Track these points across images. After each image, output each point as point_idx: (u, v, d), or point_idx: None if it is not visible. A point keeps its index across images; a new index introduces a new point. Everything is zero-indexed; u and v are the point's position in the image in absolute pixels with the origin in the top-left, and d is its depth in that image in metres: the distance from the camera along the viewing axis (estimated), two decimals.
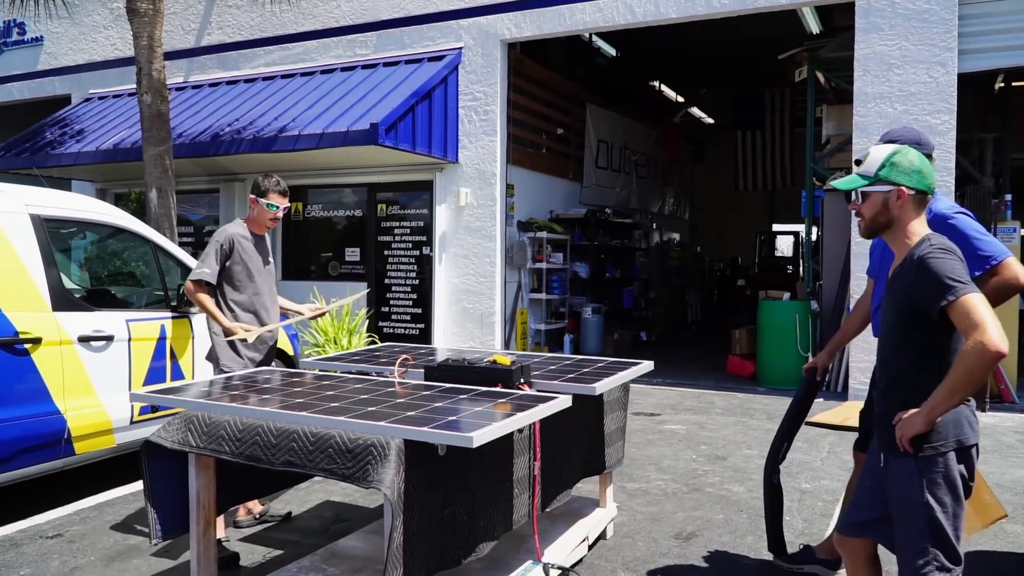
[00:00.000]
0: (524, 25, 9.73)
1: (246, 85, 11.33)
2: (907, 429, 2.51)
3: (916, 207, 2.62)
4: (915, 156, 2.64)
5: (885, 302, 2.73)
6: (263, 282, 4.59)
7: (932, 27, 8.06)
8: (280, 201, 4.61)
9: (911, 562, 2.55)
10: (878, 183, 2.62)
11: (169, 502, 3.16)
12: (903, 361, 2.61)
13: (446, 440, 2.59)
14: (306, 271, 11.13)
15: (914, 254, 2.54)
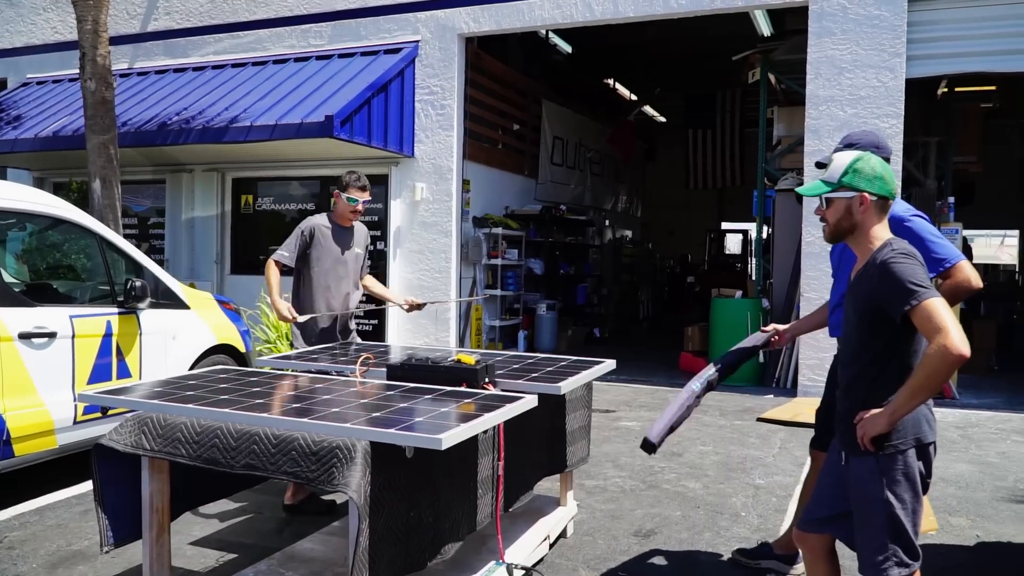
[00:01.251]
0: (482, 20, 9.67)
1: (195, 73, 11.05)
2: (869, 429, 2.54)
3: (878, 212, 2.66)
4: (877, 162, 2.67)
5: (847, 304, 2.76)
6: (340, 270, 4.91)
7: (882, 33, 8.22)
8: (359, 195, 4.87)
9: (871, 558, 2.59)
10: (841, 189, 2.66)
11: (121, 507, 3.04)
12: (864, 361, 2.65)
13: (415, 442, 2.54)
14: (256, 266, 10.90)
15: (877, 258, 2.58)
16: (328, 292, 4.89)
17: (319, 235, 4.89)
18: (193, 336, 6.03)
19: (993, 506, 4.91)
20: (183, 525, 4.24)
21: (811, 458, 3.79)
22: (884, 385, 2.58)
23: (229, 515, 4.56)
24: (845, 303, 2.78)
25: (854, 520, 2.68)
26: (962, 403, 8.23)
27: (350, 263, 4.98)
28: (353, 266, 5.00)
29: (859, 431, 2.58)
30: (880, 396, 2.57)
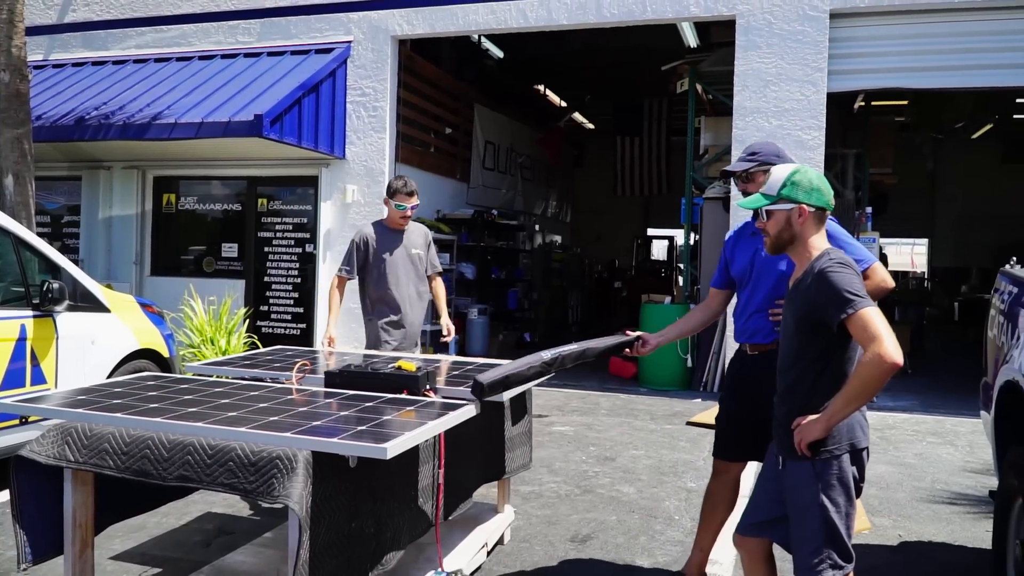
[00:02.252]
0: (416, 22, 9.60)
1: (115, 67, 10.67)
2: (806, 434, 2.60)
3: (816, 223, 2.73)
4: (814, 175, 2.74)
5: (785, 311, 2.82)
6: (399, 271, 5.03)
7: (805, 48, 8.48)
8: (406, 201, 4.99)
9: (806, 560, 2.65)
10: (781, 201, 2.72)
11: (41, 522, 2.89)
12: (801, 368, 2.71)
13: (359, 451, 2.49)
14: (178, 267, 10.59)
15: (814, 267, 2.64)
16: (387, 294, 5.02)
17: (371, 242, 5.05)
18: (114, 340, 5.80)
19: (913, 506, 5.10)
20: (103, 538, 4.05)
21: (714, 469, 3.75)
22: (820, 391, 2.64)
23: (153, 527, 4.40)
24: (783, 311, 2.84)
25: (790, 523, 2.73)
26: (879, 406, 8.52)
27: (405, 263, 5.08)
28: (411, 266, 5.11)
29: (796, 437, 2.63)
30: (816, 402, 2.63)
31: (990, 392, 3.63)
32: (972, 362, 10.68)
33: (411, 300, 5.11)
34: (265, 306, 10.16)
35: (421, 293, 5.19)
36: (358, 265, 5.09)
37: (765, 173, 3.44)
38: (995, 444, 3.55)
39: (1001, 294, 3.74)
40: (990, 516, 4.63)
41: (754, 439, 3.56)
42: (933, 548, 4.39)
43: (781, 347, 2.83)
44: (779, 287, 3.46)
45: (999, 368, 3.45)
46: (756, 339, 3.50)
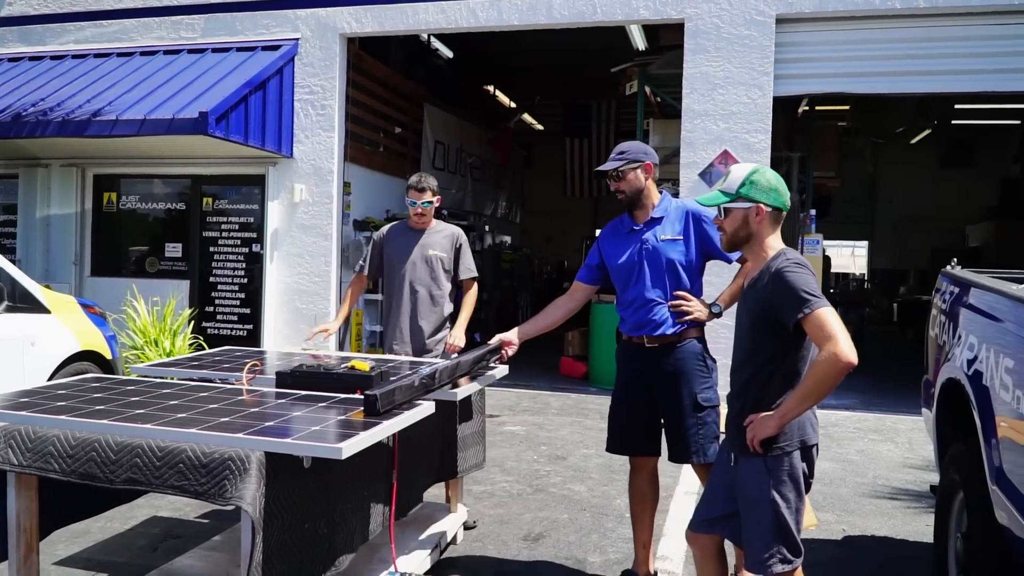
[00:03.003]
0: (365, 20, 9.52)
1: (53, 62, 10.36)
2: (759, 431, 2.65)
3: (772, 223, 2.78)
4: (772, 176, 2.78)
5: (740, 310, 2.88)
6: (410, 272, 4.77)
7: (752, 52, 8.63)
8: (416, 197, 4.74)
9: (757, 555, 2.70)
10: (739, 200, 2.75)
11: None
12: (755, 366, 2.75)
13: (313, 452, 2.46)
14: (120, 268, 10.33)
15: (771, 267, 2.69)
16: (397, 296, 4.80)
17: (388, 240, 4.89)
18: (54, 342, 5.64)
19: (856, 501, 5.23)
20: (46, 544, 3.94)
21: (631, 466, 3.82)
22: (773, 390, 2.69)
23: (97, 532, 4.28)
24: (738, 309, 2.89)
25: (741, 518, 2.78)
26: (822, 404, 8.69)
27: (419, 265, 4.77)
28: (426, 268, 4.78)
29: (749, 433, 2.68)
30: (770, 400, 2.68)
31: (931, 390, 3.74)
32: (911, 362, 11.00)
33: (422, 305, 4.76)
34: (211, 307, 9.97)
35: (436, 297, 4.79)
36: (373, 264, 4.89)
37: (634, 171, 3.54)
38: (936, 441, 3.65)
39: (942, 294, 3.85)
40: (930, 511, 4.77)
41: (652, 432, 3.63)
42: (876, 542, 4.51)
43: (736, 345, 2.88)
44: (672, 276, 3.55)
45: (940, 366, 3.56)
46: (657, 331, 3.56)
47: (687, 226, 3.60)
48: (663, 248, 3.56)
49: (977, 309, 3.23)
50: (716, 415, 3.61)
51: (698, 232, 3.60)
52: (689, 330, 3.59)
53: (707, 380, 3.60)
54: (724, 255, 3.58)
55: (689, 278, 3.61)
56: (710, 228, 3.56)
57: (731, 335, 2.96)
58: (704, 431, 3.55)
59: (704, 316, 3.58)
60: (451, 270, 4.86)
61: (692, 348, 3.59)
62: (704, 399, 3.56)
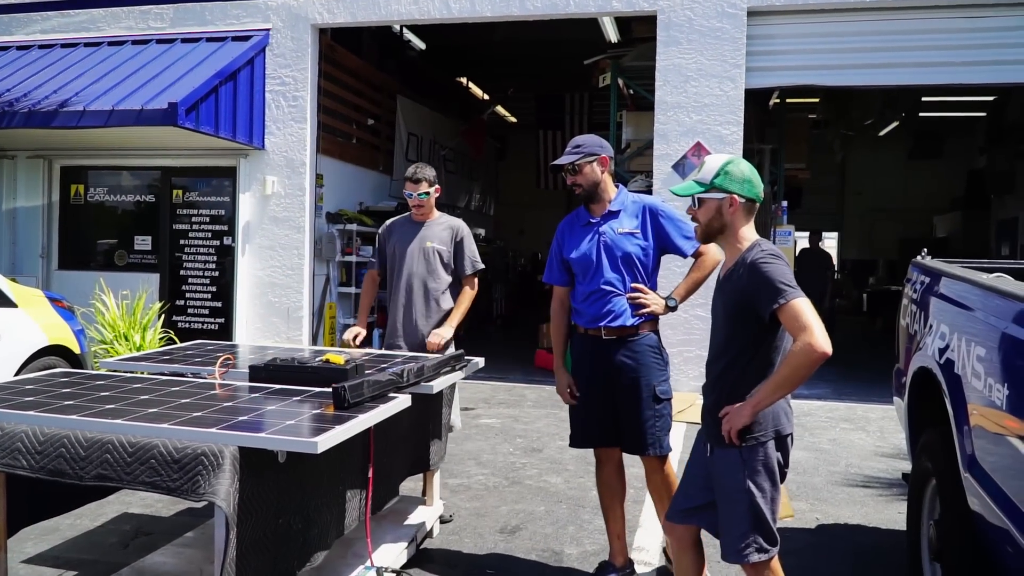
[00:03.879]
0: (337, 11, 9.43)
1: (19, 52, 10.15)
2: (735, 422, 2.66)
3: (746, 214, 2.79)
4: (746, 167, 2.79)
5: (716, 301, 2.88)
6: (407, 265, 4.68)
7: (724, 44, 8.66)
8: (412, 188, 4.67)
9: (734, 545, 2.72)
10: (713, 191, 2.75)
11: None
12: (730, 357, 2.77)
13: (288, 446, 2.44)
14: (88, 261, 10.17)
15: (746, 258, 2.70)
16: (395, 290, 4.73)
17: (390, 233, 4.83)
18: (21, 337, 5.54)
19: (829, 490, 5.28)
20: (14, 541, 3.87)
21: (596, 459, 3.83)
22: (748, 380, 2.71)
23: (67, 529, 4.22)
24: (714, 300, 2.89)
25: (718, 508, 2.79)
26: (795, 393, 8.77)
27: (416, 258, 4.67)
28: (423, 261, 4.67)
29: (725, 425, 2.69)
30: (745, 390, 2.70)
31: (903, 379, 3.78)
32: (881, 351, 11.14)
33: (417, 299, 4.66)
34: (181, 300, 9.85)
35: (431, 291, 4.67)
36: (380, 259, 4.86)
37: (591, 164, 3.57)
38: (908, 429, 3.69)
39: (913, 284, 3.89)
40: (902, 498, 4.84)
41: (615, 424, 3.64)
42: (849, 530, 4.56)
43: (712, 337, 2.88)
44: (629, 269, 3.58)
45: (912, 355, 3.59)
46: (615, 323, 3.58)
47: (644, 220, 3.62)
48: (620, 241, 3.58)
49: (948, 298, 3.27)
50: (671, 407, 3.64)
51: (655, 226, 3.62)
52: (645, 323, 3.60)
53: (663, 372, 3.62)
54: (680, 249, 3.61)
55: (645, 272, 3.63)
56: (666, 222, 3.61)
57: (707, 327, 2.97)
58: (661, 423, 3.57)
59: (660, 309, 3.59)
60: (451, 263, 4.74)
61: (649, 340, 3.61)
62: (662, 391, 3.58)
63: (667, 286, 3.79)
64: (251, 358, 3.90)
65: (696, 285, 3.68)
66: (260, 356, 3.99)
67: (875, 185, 20.94)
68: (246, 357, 4.05)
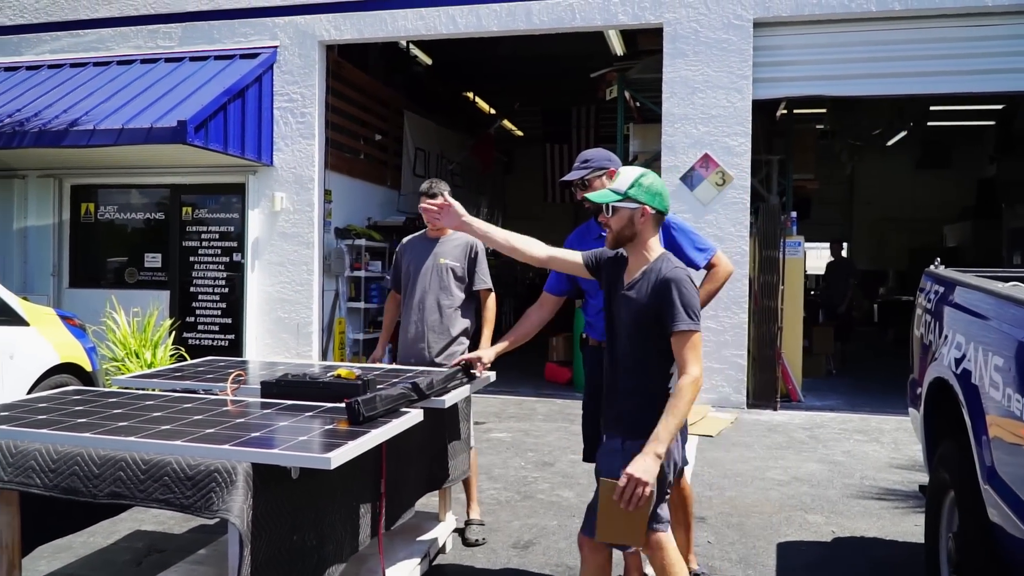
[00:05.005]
0: (344, 28, 9.49)
1: (29, 73, 10.25)
2: (644, 475, 2.60)
3: (654, 226, 2.90)
4: (658, 181, 2.91)
5: (620, 310, 2.91)
6: (419, 283, 4.60)
7: (730, 56, 8.68)
8: (424, 202, 4.54)
9: None
10: (627, 200, 2.84)
11: None
12: (648, 364, 2.84)
13: (301, 462, 2.43)
14: (99, 279, 10.21)
15: (660, 270, 2.80)
16: (407, 308, 4.63)
17: (406, 250, 4.74)
18: (33, 355, 5.56)
19: (844, 503, 5.23)
20: (28, 560, 3.87)
21: None
22: (657, 387, 2.82)
23: (80, 547, 4.21)
24: (618, 309, 2.92)
25: None
26: (807, 405, 8.76)
27: (430, 274, 4.58)
28: (436, 278, 4.57)
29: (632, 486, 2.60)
30: (663, 397, 2.76)
31: (918, 389, 3.74)
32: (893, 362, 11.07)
33: (430, 316, 4.56)
34: (192, 317, 9.88)
35: (444, 308, 4.57)
36: (396, 276, 4.77)
37: (600, 179, 3.57)
38: (924, 440, 3.65)
39: (927, 294, 3.87)
40: (919, 510, 4.80)
41: None
42: (866, 543, 4.51)
43: (621, 344, 2.91)
44: None
45: (927, 366, 3.56)
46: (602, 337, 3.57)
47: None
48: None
49: (963, 308, 3.24)
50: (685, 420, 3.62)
51: (667, 238, 3.61)
52: None
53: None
54: (692, 261, 3.62)
55: None
56: (678, 234, 3.63)
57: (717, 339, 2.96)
58: None
59: None
60: (465, 279, 4.65)
61: None
62: None
63: None
64: (262, 374, 3.90)
65: (709, 297, 3.68)
66: (271, 372, 3.99)
67: (884, 195, 20.88)
68: (257, 373, 4.05)
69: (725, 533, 4.62)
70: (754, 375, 8.74)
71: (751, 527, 4.72)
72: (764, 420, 7.97)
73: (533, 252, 3.19)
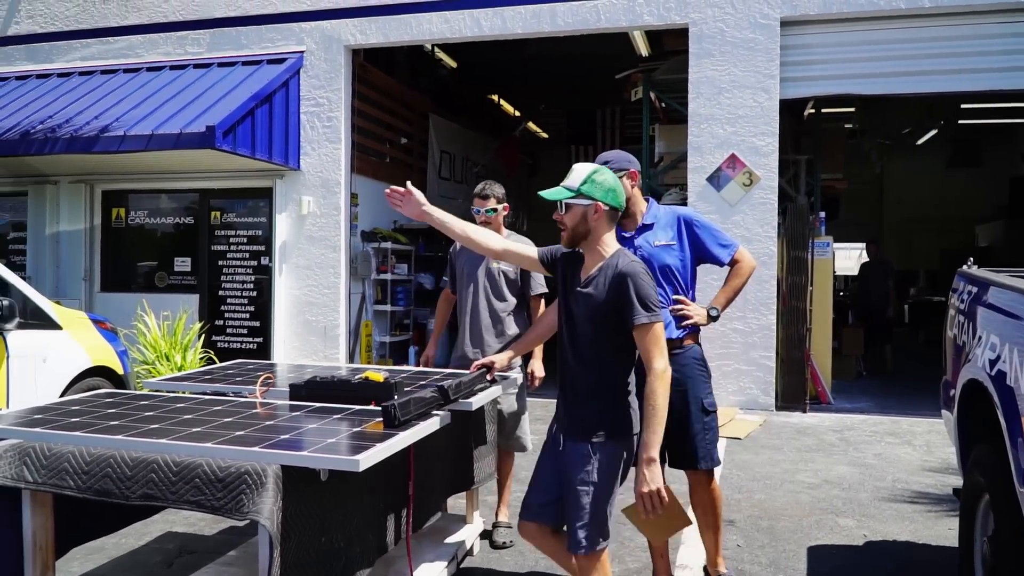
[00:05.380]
0: (369, 32, 9.54)
1: (60, 80, 10.41)
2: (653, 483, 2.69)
3: (609, 222, 2.92)
4: (611, 177, 2.92)
5: (577, 307, 2.91)
6: (472, 287, 4.57)
7: (757, 55, 8.61)
8: (480, 204, 4.57)
9: (575, 535, 2.81)
10: (580, 197, 2.87)
11: (1, 546, 2.77)
12: (603, 363, 2.86)
13: (330, 464, 2.44)
14: (129, 283, 10.34)
15: (617, 265, 2.82)
16: (461, 312, 4.61)
17: (459, 252, 4.67)
18: (66, 358, 5.64)
19: (876, 506, 5.17)
20: (61, 562, 3.92)
21: None
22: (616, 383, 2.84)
23: (112, 548, 4.26)
24: (574, 307, 2.92)
25: (565, 500, 2.87)
26: (837, 408, 8.66)
27: (483, 278, 4.53)
28: (488, 281, 4.53)
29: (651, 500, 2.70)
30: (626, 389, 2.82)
31: (951, 392, 3.68)
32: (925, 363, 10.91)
33: (483, 320, 4.52)
34: (220, 320, 9.97)
35: (497, 311, 4.53)
36: (451, 278, 4.75)
37: (623, 179, 3.56)
38: (958, 443, 3.59)
39: (960, 294, 3.81)
40: (952, 514, 4.73)
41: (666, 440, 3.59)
42: (898, 547, 4.45)
43: (579, 341, 2.91)
44: (669, 281, 3.58)
45: (960, 367, 3.51)
46: None
47: (679, 231, 3.60)
48: (657, 254, 3.56)
49: (998, 308, 3.19)
50: (717, 420, 3.64)
51: (690, 236, 3.60)
52: (688, 335, 3.58)
53: (708, 385, 3.61)
54: (717, 257, 3.60)
55: (684, 282, 3.61)
56: (701, 231, 3.61)
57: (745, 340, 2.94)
58: (710, 436, 3.55)
59: (703, 320, 3.57)
60: (518, 283, 4.60)
61: (694, 353, 3.59)
62: (709, 404, 3.57)
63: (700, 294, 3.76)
64: (290, 377, 3.93)
65: (735, 292, 3.67)
66: (299, 375, 4.01)
67: (914, 194, 20.61)
68: (285, 376, 4.08)
69: (755, 536, 4.58)
70: (782, 377, 8.66)
71: (781, 530, 4.68)
72: (793, 422, 7.90)
73: (489, 244, 3.23)
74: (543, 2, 9.05)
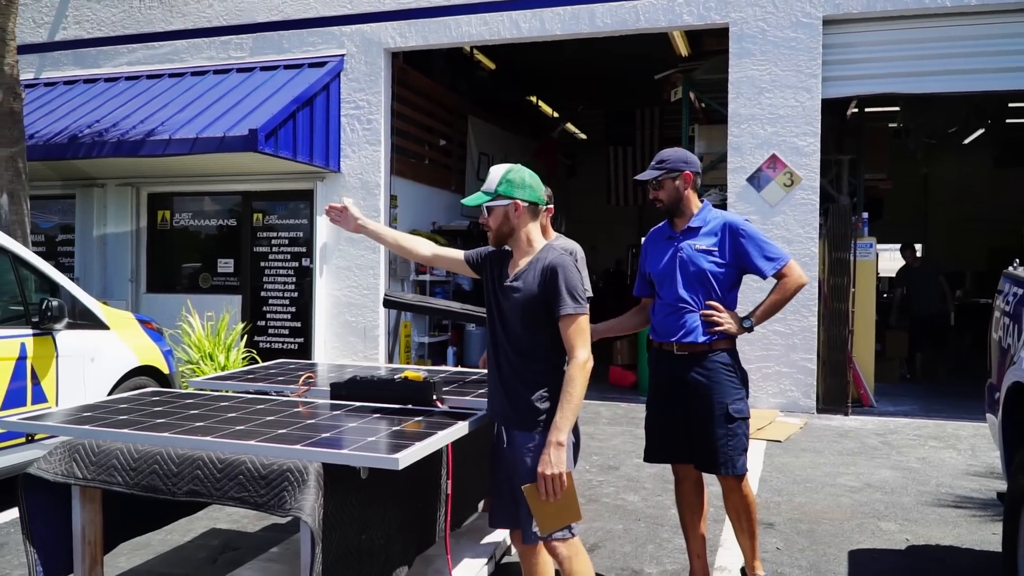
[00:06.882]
0: (409, 35, 9.62)
1: (107, 84, 10.66)
2: (557, 467, 2.69)
3: (532, 217, 2.96)
4: (527, 174, 2.96)
5: (507, 302, 2.93)
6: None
7: (799, 55, 8.52)
8: None
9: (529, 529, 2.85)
10: (498, 198, 2.91)
11: (51, 540, 2.86)
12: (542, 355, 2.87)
13: (370, 462, 2.48)
14: (174, 284, 10.55)
15: (545, 259, 2.85)
16: None
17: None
18: (113, 358, 5.77)
19: (919, 510, 5.09)
20: (108, 557, 4.02)
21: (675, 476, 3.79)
22: (555, 369, 2.85)
23: (158, 544, 4.36)
24: (504, 302, 2.94)
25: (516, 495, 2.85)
26: (880, 411, 8.53)
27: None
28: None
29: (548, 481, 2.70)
30: (555, 377, 2.83)
31: (996, 395, 3.62)
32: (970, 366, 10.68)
33: None
34: (262, 321, 10.13)
35: None
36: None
37: (674, 180, 3.53)
38: (1003, 446, 3.53)
39: (1005, 296, 3.74)
40: (997, 519, 4.64)
41: (689, 441, 3.58)
42: (941, 551, 4.38)
43: (511, 336, 2.92)
44: (704, 286, 3.55)
45: (1006, 370, 3.45)
46: (686, 339, 3.54)
47: (723, 238, 3.55)
48: (696, 257, 3.53)
49: None
50: (747, 427, 3.57)
51: (734, 245, 3.54)
52: (719, 341, 3.54)
53: (739, 391, 3.54)
54: (760, 270, 3.53)
55: (721, 290, 3.56)
56: (747, 242, 3.53)
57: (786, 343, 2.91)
58: (733, 443, 3.49)
59: (735, 329, 3.52)
60: None
61: (722, 358, 3.54)
62: (735, 410, 3.50)
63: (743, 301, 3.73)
64: (331, 376, 3.99)
65: (776, 308, 3.60)
66: (340, 374, 4.07)
67: (960, 194, 20.19)
68: (326, 375, 4.14)
69: (794, 540, 4.53)
70: (824, 380, 8.55)
71: (821, 534, 4.63)
72: (835, 425, 7.79)
73: (419, 251, 3.28)
74: (582, 3, 9.05)
